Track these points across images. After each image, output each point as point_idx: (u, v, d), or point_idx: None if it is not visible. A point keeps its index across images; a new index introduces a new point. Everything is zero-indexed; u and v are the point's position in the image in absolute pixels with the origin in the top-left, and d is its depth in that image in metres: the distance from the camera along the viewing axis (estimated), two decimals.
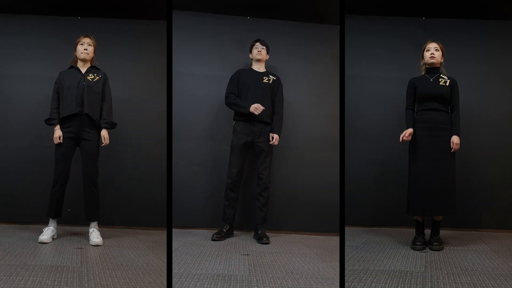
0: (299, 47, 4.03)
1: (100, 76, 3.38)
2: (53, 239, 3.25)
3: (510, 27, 3.97)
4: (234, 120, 3.64)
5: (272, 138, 3.56)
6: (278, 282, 2.42)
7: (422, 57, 3.42)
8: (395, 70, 3.98)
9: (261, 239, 3.46)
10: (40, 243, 3.13)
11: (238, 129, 3.58)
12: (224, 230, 3.54)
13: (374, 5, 3.94)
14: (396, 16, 4.02)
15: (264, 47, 3.68)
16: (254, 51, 3.68)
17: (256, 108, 3.50)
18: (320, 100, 4.01)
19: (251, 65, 3.74)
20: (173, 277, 2.41)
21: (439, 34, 3.93)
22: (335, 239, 3.59)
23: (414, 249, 3.18)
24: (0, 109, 3.86)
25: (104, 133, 3.32)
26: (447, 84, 3.30)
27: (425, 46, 3.40)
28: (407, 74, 3.79)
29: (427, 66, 3.39)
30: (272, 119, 3.62)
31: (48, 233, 3.21)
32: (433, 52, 3.33)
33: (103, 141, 3.32)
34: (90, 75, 3.35)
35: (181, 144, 3.81)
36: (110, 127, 3.37)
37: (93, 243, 3.18)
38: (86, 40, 3.36)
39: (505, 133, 3.92)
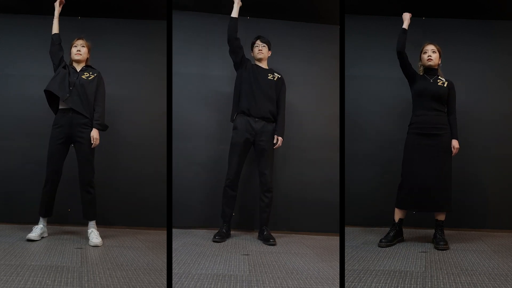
0: (299, 47, 4.03)
1: (95, 75, 3.36)
2: (42, 237, 3.26)
3: (510, 27, 3.96)
4: (235, 115, 3.55)
5: (277, 140, 3.53)
6: (278, 282, 2.42)
7: (420, 58, 3.43)
8: (395, 70, 3.94)
9: (268, 240, 3.43)
10: (28, 240, 3.14)
11: (239, 126, 3.51)
12: (224, 231, 3.51)
13: (374, 5, 3.93)
14: (396, 16, 4.01)
15: (265, 44, 3.62)
16: (255, 49, 3.63)
17: None
18: (320, 100, 4.01)
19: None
20: (173, 277, 2.41)
21: (439, 34, 3.93)
22: (335, 239, 3.59)
23: (379, 245, 3.20)
24: (0, 108, 3.86)
25: (94, 133, 3.25)
26: (445, 85, 3.32)
27: (423, 48, 3.41)
28: None
29: (424, 68, 3.41)
30: (274, 118, 3.57)
31: (37, 231, 3.23)
32: (430, 55, 3.35)
33: (92, 142, 3.24)
34: (85, 73, 3.34)
35: (181, 144, 3.81)
36: (102, 128, 3.31)
37: (92, 244, 3.17)
38: (79, 42, 3.39)
39: (505, 133, 3.91)
